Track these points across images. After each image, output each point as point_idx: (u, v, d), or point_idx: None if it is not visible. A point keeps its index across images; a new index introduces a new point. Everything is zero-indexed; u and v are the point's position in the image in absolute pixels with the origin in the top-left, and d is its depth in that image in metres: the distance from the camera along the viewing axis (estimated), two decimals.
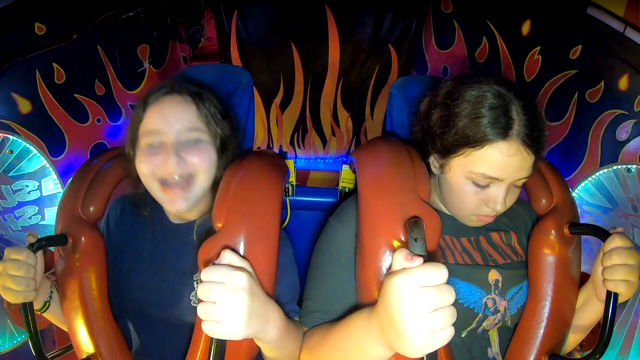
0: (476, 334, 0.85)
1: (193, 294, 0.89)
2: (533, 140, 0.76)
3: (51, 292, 0.94)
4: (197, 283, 0.90)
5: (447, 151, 0.82)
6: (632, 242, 0.82)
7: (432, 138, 0.85)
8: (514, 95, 0.77)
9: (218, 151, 0.89)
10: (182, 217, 0.97)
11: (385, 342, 0.60)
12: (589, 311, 0.91)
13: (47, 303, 0.93)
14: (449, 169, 0.84)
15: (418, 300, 0.52)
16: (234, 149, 0.95)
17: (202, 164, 0.85)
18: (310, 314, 0.88)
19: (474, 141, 0.77)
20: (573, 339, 0.94)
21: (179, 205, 0.85)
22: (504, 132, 0.75)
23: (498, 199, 0.80)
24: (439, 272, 0.53)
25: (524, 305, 0.90)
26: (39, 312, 0.93)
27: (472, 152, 0.78)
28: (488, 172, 0.78)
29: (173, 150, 0.82)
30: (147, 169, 0.83)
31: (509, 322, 0.89)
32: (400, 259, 0.56)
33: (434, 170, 0.90)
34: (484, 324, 0.85)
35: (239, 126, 1.02)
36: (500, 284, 0.87)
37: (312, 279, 0.91)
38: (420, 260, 0.55)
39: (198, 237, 0.93)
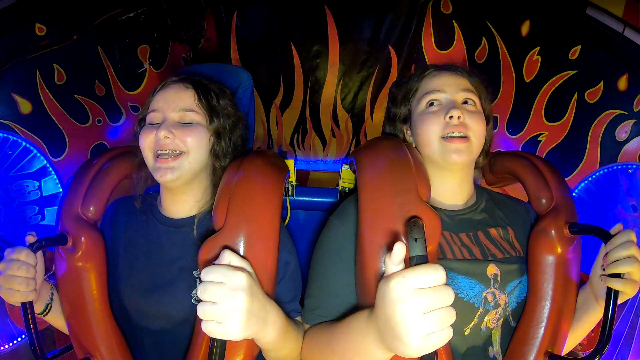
0: (479, 331, 0.85)
1: (194, 291, 0.89)
2: (453, 65, 1.02)
3: (52, 294, 0.94)
4: (198, 280, 0.90)
5: (407, 104, 1.01)
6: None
7: (397, 115, 1.04)
8: None
9: (212, 137, 0.95)
10: (183, 211, 0.98)
11: (383, 345, 0.60)
12: (589, 311, 0.90)
13: (49, 305, 0.93)
14: (415, 118, 0.99)
15: (414, 302, 0.53)
16: (236, 142, 1.01)
17: (192, 143, 0.91)
18: (311, 311, 0.88)
19: (416, 76, 1.02)
20: (573, 339, 0.93)
21: (167, 176, 0.90)
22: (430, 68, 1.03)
23: (450, 103, 0.93)
24: (435, 274, 0.53)
25: (524, 299, 0.91)
26: (41, 316, 0.93)
27: (418, 87, 1.00)
28: (430, 88, 0.97)
29: (164, 126, 0.90)
30: (145, 141, 0.92)
31: (511, 318, 0.89)
32: (389, 263, 0.57)
33: (410, 138, 1.02)
34: (486, 319, 0.85)
35: (246, 123, 1.08)
36: (499, 278, 0.87)
37: (312, 277, 0.91)
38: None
39: (198, 232, 0.94)
